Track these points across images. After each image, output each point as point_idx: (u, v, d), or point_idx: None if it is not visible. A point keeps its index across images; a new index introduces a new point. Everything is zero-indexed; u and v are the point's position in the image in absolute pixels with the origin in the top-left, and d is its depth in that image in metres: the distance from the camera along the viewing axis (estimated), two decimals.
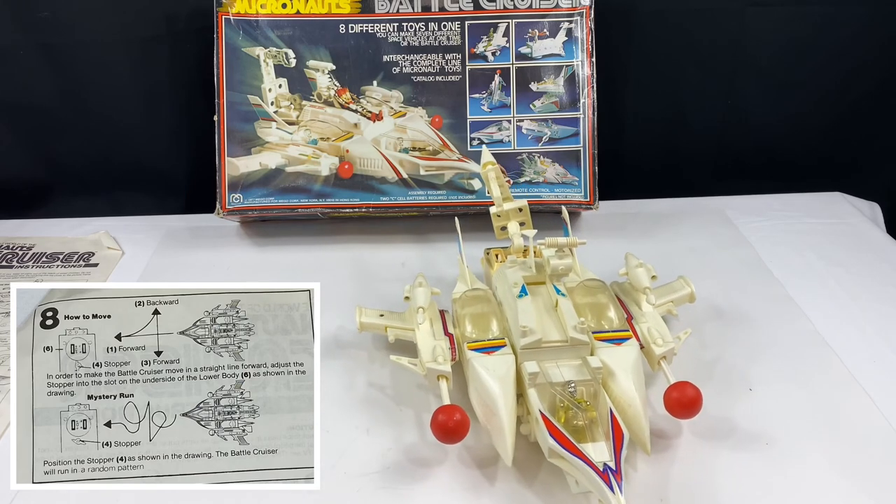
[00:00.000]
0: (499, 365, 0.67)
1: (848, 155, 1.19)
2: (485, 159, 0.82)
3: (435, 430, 0.64)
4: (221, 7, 0.99)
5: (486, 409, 0.66)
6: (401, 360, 0.73)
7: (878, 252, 0.98)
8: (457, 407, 0.65)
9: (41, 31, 1.04)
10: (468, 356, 0.69)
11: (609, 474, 0.57)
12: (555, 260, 0.71)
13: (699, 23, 1.09)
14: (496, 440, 0.65)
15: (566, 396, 0.63)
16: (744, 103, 1.14)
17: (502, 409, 0.64)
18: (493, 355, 0.68)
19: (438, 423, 0.64)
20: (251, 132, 0.99)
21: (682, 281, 0.81)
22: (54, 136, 1.12)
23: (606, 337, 0.70)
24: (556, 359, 0.67)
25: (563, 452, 0.59)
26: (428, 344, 0.72)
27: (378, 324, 0.77)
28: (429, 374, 0.70)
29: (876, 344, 0.81)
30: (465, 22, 1.00)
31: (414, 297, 0.76)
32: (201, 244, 1.04)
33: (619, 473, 0.57)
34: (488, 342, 0.70)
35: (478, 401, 0.67)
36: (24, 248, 1.04)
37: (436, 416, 0.64)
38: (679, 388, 0.66)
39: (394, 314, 0.78)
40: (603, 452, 0.59)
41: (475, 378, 0.67)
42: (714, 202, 1.10)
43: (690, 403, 0.66)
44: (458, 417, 0.64)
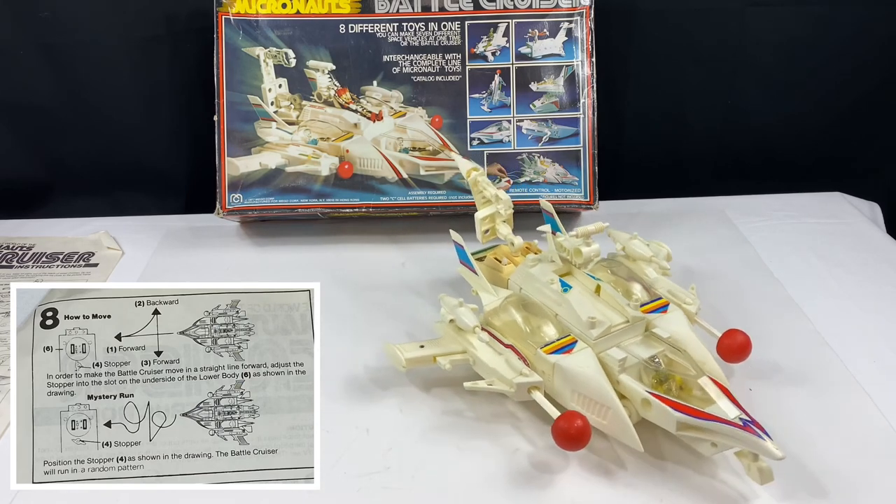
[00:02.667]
0: (587, 360, 0.67)
1: (848, 155, 1.18)
2: (466, 166, 0.82)
3: (563, 439, 0.63)
4: (221, 7, 0.99)
5: (596, 407, 0.65)
6: (478, 384, 0.68)
7: (878, 252, 0.98)
8: (574, 412, 0.64)
9: (41, 31, 1.04)
10: (551, 360, 0.67)
11: (751, 426, 0.59)
12: (585, 248, 0.73)
13: (699, 23, 1.09)
14: (618, 432, 0.65)
15: (653, 370, 0.65)
16: (744, 103, 1.14)
17: (616, 398, 0.64)
18: (574, 353, 0.68)
19: (564, 431, 0.62)
20: (251, 132, 0.99)
21: (656, 244, 0.82)
22: (54, 136, 1.12)
23: (650, 308, 0.72)
24: (620, 340, 0.69)
25: (695, 422, 0.60)
26: (498, 361, 0.69)
27: (424, 356, 0.72)
28: (518, 390, 0.67)
29: (876, 344, 0.81)
30: (465, 22, 1.00)
31: (462, 318, 0.71)
32: (201, 244, 1.04)
33: (756, 422, 0.59)
34: (560, 342, 0.69)
35: (582, 402, 0.66)
36: (24, 248, 1.04)
37: (559, 426, 0.62)
38: (730, 335, 0.72)
39: (431, 342, 0.74)
40: (731, 409, 0.60)
41: (573, 379, 0.66)
42: (714, 202, 1.10)
43: (742, 347, 0.72)
44: (580, 423, 0.62)
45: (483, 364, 0.70)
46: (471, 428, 0.71)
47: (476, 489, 0.65)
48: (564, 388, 0.67)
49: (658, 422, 0.64)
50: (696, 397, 0.62)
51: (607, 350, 0.67)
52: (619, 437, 0.65)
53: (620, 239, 0.81)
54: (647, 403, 0.63)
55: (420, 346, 0.73)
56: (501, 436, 0.70)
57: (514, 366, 0.68)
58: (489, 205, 0.81)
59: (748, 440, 0.58)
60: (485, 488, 0.65)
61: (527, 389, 0.67)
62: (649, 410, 0.64)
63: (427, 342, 0.74)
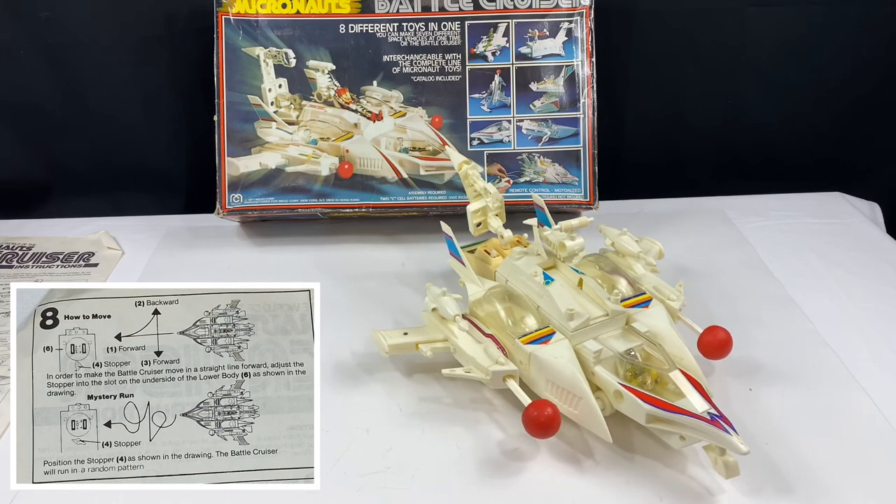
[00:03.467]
0: (562, 351, 0.68)
1: (848, 155, 1.19)
2: (458, 159, 0.83)
3: (532, 427, 0.64)
4: (221, 7, 0.99)
5: (568, 396, 0.66)
6: (455, 371, 0.70)
7: (878, 252, 0.98)
8: (545, 401, 0.65)
9: (41, 31, 1.04)
10: (528, 350, 0.68)
11: (718, 420, 0.60)
12: (569, 242, 0.73)
13: (699, 23, 1.09)
14: (588, 422, 0.66)
15: (629, 363, 0.66)
16: (744, 103, 1.14)
17: (587, 389, 0.65)
18: (550, 343, 0.69)
19: (534, 419, 0.63)
20: (251, 132, 0.99)
21: (648, 241, 0.83)
22: (54, 136, 1.12)
23: (632, 303, 0.73)
24: (599, 333, 0.70)
25: (664, 414, 0.62)
26: (477, 350, 0.71)
27: (406, 343, 0.74)
28: (493, 378, 0.68)
29: (876, 344, 0.81)
30: (465, 22, 1.00)
31: (444, 307, 0.73)
32: (201, 244, 1.04)
33: (724, 417, 0.60)
34: (538, 333, 0.70)
35: (554, 391, 0.67)
36: (24, 248, 1.04)
37: (529, 413, 0.64)
38: (711, 332, 0.73)
39: (414, 330, 0.76)
40: (700, 403, 0.61)
41: (547, 368, 0.67)
42: (714, 202, 1.10)
43: (722, 344, 0.73)
44: (550, 411, 0.64)
45: (462, 352, 0.71)
46: (471, 428, 0.71)
47: (477, 489, 0.65)
48: (539, 377, 0.68)
49: (629, 413, 0.65)
50: (670, 391, 0.64)
51: (584, 342, 0.68)
52: (590, 428, 0.66)
53: (610, 234, 0.82)
54: (619, 395, 0.65)
55: (404, 333, 0.75)
56: (502, 435, 0.70)
57: (491, 354, 0.69)
58: (480, 198, 0.83)
59: (714, 434, 0.59)
60: (485, 488, 0.65)
61: (502, 378, 0.68)
62: (621, 402, 0.65)
63: (411, 330, 0.75)
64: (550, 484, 0.65)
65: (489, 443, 0.69)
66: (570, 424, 0.69)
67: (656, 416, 0.63)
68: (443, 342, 0.74)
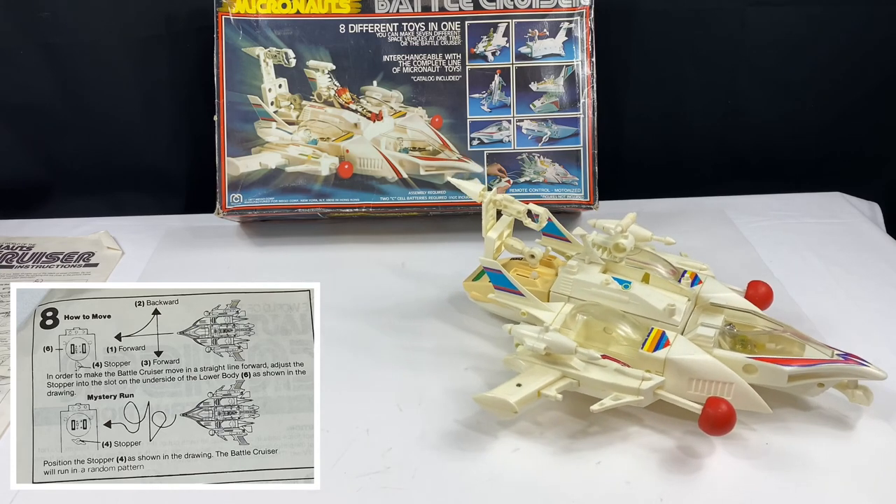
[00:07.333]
0: (689, 347, 0.68)
1: (848, 155, 1.19)
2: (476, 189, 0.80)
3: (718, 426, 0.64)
4: (221, 7, 0.99)
5: (717, 387, 0.67)
6: (605, 405, 0.66)
7: (878, 252, 0.98)
8: (714, 399, 0.65)
9: (41, 31, 1.04)
10: (661, 357, 0.67)
11: (849, 357, 0.66)
12: (623, 241, 0.74)
13: (699, 23, 1.09)
14: (744, 403, 0.66)
15: (729, 336, 0.70)
16: (744, 103, 1.14)
17: (734, 373, 0.66)
18: (673, 343, 0.68)
19: (722, 416, 0.64)
20: (251, 132, 0.99)
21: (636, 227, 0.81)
22: (54, 136, 1.12)
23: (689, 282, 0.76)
24: (690, 319, 0.73)
25: (805, 370, 0.66)
26: (608, 375, 0.67)
27: (530, 394, 0.67)
28: (646, 395, 0.66)
29: (876, 344, 0.81)
30: (465, 22, 1.00)
31: (560, 343, 0.68)
32: (201, 244, 1.04)
33: (850, 353, 0.67)
34: (653, 337, 0.69)
35: (702, 387, 0.67)
36: (24, 248, 1.04)
37: (712, 413, 0.64)
38: (754, 287, 0.79)
39: (521, 377, 0.69)
40: (824, 349, 0.67)
41: (689, 369, 0.67)
42: (714, 202, 1.10)
43: (766, 296, 0.79)
44: (724, 407, 0.64)
45: (593, 382, 0.67)
46: (470, 427, 0.71)
47: (476, 489, 0.65)
48: (681, 379, 0.67)
49: (763, 382, 0.67)
50: (770, 350, 0.67)
51: (694, 331, 0.70)
52: (747, 407, 0.67)
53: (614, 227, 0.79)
54: (752, 368, 0.67)
55: (517, 384, 0.68)
56: (501, 436, 0.70)
57: (629, 374, 0.67)
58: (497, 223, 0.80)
59: (853, 370, 0.65)
60: (485, 488, 0.65)
61: (653, 392, 0.67)
62: (753, 374, 0.67)
63: (518, 378, 0.69)
64: (551, 481, 0.65)
65: (489, 443, 0.69)
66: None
67: (797, 375, 0.66)
68: (563, 380, 0.68)
